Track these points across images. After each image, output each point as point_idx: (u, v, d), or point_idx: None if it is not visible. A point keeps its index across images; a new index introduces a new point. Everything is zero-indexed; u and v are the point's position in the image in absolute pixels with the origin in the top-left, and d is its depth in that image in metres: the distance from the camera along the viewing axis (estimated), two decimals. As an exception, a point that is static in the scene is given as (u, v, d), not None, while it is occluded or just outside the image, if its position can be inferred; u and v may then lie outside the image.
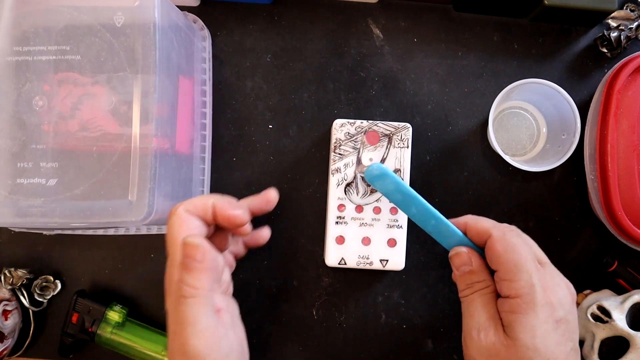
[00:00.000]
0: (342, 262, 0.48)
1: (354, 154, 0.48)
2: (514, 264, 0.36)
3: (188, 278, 0.35)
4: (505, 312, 0.36)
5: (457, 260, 0.40)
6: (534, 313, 0.35)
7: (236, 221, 0.39)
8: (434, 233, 0.41)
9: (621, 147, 0.47)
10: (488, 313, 0.37)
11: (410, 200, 0.39)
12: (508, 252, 0.37)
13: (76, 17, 0.40)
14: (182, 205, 0.38)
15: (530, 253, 0.37)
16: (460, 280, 0.40)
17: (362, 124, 0.48)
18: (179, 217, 0.38)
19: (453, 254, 0.40)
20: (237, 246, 0.45)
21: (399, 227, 0.48)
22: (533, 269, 0.36)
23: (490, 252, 0.38)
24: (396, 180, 0.39)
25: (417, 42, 0.52)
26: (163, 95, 0.40)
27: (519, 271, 0.36)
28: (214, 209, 0.39)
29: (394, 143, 0.48)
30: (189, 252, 0.35)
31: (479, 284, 0.39)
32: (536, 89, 0.47)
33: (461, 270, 0.40)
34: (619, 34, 0.50)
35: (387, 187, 0.39)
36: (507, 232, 0.38)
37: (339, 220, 0.48)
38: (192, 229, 0.38)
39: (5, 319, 0.47)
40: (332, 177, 0.48)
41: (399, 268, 0.48)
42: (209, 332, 0.35)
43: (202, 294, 0.35)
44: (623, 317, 0.46)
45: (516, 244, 0.37)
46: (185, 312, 0.35)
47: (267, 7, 0.52)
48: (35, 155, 0.39)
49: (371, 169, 0.39)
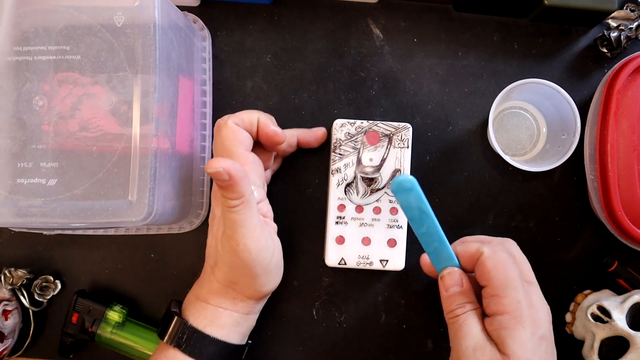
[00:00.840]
0: (342, 262, 0.48)
1: (354, 154, 0.48)
2: (502, 280, 0.38)
3: (227, 194, 0.38)
4: (495, 330, 0.37)
5: (450, 280, 0.40)
6: (522, 328, 0.36)
7: (275, 138, 0.44)
8: (432, 254, 0.41)
9: (621, 147, 0.47)
10: (483, 332, 0.38)
11: (425, 219, 0.39)
12: (497, 269, 0.38)
13: (76, 17, 0.40)
14: (231, 118, 0.43)
15: (517, 271, 0.39)
16: (449, 300, 0.40)
17: (362, 124, 0.48)
18: (230, 129, 0.42)
19: (446, 274, 0.40)
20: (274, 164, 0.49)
21: (399, 227, 0.48)
22: (519, 286, 0.38)
23: (481, 269, 0.39)
24: (421, 197, 0.38)
25: (417, 42, 0.52)
26: (163, 95, 0.40)
27: (506, 287, 0.37)
28: (258, 123, 0.43)
29: (394, 143, 0.48)
30: (219, 178, 0.37)
31: (471, 304, 0.39)
32: (536, 89, 0.47)
33: (452, 290, 0.40)
34: (619, 34, 0.50)
35: (410, 201, 0.38)
36: (497, 250, 0.39)
37: (339, 220, 0.48)
38: (243, 139, 0.43)
39: (5, 319, 0.47)
40: (332, 177, 0.48)
41: (399, 268, 0.48)
42: (257, 232, 0.40)
43: (244, 200, 0.39)
44: (623, 317, 0.46)
45: (505, 262, 0.39)
46: (234, 218, 0.39)
47: (267, 7, 0.52)
48: (35, 155, 0.39)
49: (402, 181, 0.38)
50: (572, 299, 0.50)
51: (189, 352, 0.41)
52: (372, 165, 0.48)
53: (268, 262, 0.42)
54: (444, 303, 0.40)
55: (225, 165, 0.37)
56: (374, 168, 0.48)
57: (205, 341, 0.41)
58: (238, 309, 0.43)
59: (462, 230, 0.51)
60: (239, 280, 0.42)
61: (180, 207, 0.45)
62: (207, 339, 0.42)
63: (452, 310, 0.40)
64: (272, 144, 0.45)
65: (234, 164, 0.38)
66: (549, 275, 0.51)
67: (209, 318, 0.42)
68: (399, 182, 0.38)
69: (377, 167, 0.48)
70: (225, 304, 0.43)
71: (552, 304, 0.51)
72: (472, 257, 0.40)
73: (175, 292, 0.51)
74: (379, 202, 0.48)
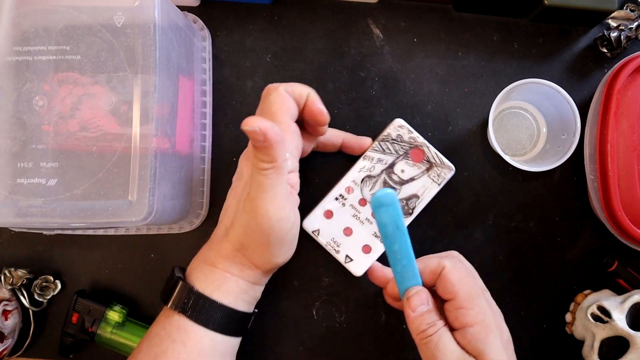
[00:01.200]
0: (316, 232, 0.48)
1: (392, 157, 0.48)
2: (468, 292, 0.38)
3: (261, 155, 0.37)
4: (469, 343, 0.37)
5: (417, 300, 0.39)
6: (493, 336, 0.37)
7: (320, 117, 0.43)
8: (398, 272, 0.39)
9: (621, 147, 0.47)
10: (457, 346, 0.37)
11: (399, 237, 0.37)
12: (461, 281, 0.38)
13: (76, 17, 0.40)
14: (282, 86, 0.41)
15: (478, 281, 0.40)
16: (418, 321, 0.38)
17: (417, 138, 0.48)
18: (279, 95, 0.41)
19: (413, 294, 0.39)
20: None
21: (382, 242, 0.48)
22: (482, 296, 0.38)
23: (445, 282, 0.38)
24: (399, 213, 0.37)
25: (417, 42, 0.52)
26: (163, 95, 0.40)
27: (473, 298, 0.38)
28: (307, 98, 0.42)
29: (431, 173, 0.48)
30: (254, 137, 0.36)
31: (440, 322, 0.38)
32: (536, 89, 0.47)
33: (419, 310, 0.39)
34: (619, 34, 0.50)
35: (387, 217, 0.37)
36: (456, 262, 0.40)
37: (339, 198, 0.48)
38: (290, 108, 0.41)
39: (5, 319, 0.47)
40: (361, 161, 0.48)
41: (357, 274, 0.48)
42: (282, 201, 0.39)
43: (277, 165, 0.38)
44: (623, 317, 0.46)
45: (467, 273, 0.39)
46: (262, 181, 0.38)
47: (267, 7, 0.52)
48: (35, 155, 0.39)
49: (382, 196, 0.36)
50: (572, 299, 0.50)
51: (195, 318, 0.40)
52: (399, 177, 0.48)
53: (285, 234, 0.40)
54: (412, 324, 0.39)
55: (263, 125, 0.36)
56: (399, 180, 0.48)
57: (212, 307, 0.40)
58: (245, 276, 0.42)
59: (462, 230, 0.51)
60: (251, 245, 0.40)
61: (180, 207, 0.45)
62: (214, 305, 0.40)
63: (423, 331, 0.38)
64: (316, 123, 0.43)
65: (273, 126, 0.36)
66: (549, 275, 0.51)
67: (216, 283, 0.41)
68: (379, 197, 0.36)
69: (403, 181, 0.48)
70: (233, 270, 0.41)
71: (552, 304, 0.51)
72: (434, 272, 0.39)
73: (175, 292, 0.51)
74: None
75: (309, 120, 0.44)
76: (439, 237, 0.51)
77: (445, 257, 0.40)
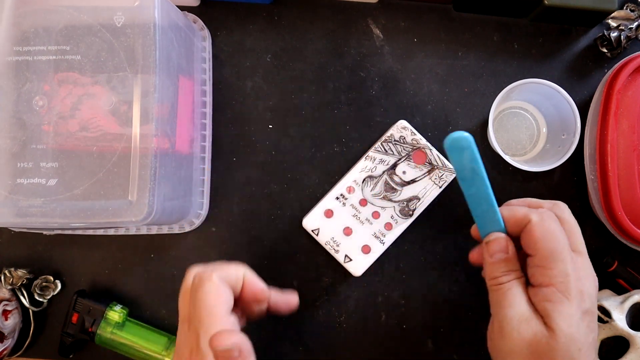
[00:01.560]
0: (316, 231, 0.48)
1: (394, 158, 0.48)
2: (550, 251, 0.36)
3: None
4: (540, 302, 0.35)
5: (496, 246, 0.38)
6: (568, 302, 0.35)
7: (262, 295, 0.39)
8: (478, 216, 0.38)
9: (621, 147, 0.47)
10: (527, 302, 0.36)
11: (477, 181, 0.36)
12: (545, 239, 0.36)
13: (76, 17, 0.40)
14: (215, 272, 0.37)
15: (566, 241, 0.37)
16: (494, 267, 0.38)
17: (419, 140, 0.48)
18: (214, 285, 0.37)
19: (492, 239, 0.38)
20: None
21: (382, 243, 0.48)
22: (568, 258, 0.36)
23: (528, 237, 0.37)
24: (476, 157, 0.35)
25: (417, 42, 0.52)
26: (163, 95, 0.40)
27: (554, 259, 0.36)
28: (245, 279, 0.39)
29: (432, 176, 0.48)
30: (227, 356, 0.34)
31: (515, 273, 0.37)
32: (536, 89, 0.47)
33: (496, 257, 0.38)
34: (619, 34, 0.50)
35: (463, 160, 0.35)
36: (545, 218, 0.37)
37: (339, 198, 0.48)
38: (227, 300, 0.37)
39: (5, 319, 0.47)
40: (363, 161, 0.48)
41: (356, 274, 0.48)
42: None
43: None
44: (623, 317, 0.46)
45: (554, 231, 0.37)
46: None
47: (267, 7, 0.52)
48: (35, 155, 0.39)
49: (457, 138, 0.34)
50: (572, 299, 0.50)
51: None
52: (401, 178, 0.48)
53: None
54: (487, 269, 0.38)
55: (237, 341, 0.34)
56: (401, 181, 0.48)
57: None
58: None
59: (462, 231, 0.51)
60: None
61: (180, 207, 0.45)
62: None
63: (496, 278, 0.37)
64: (256, 302, 0.40)
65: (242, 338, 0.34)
66: (549, 275, 0.51)
67: None
68: (454, 139, 0.34)
69: (404, 182, 0.48)
70: None
71: (552, 304, 0.51)
72: (519, 223, 0.38)
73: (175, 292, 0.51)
74: (382, 209, 0.48)
75: (248, 299, 0.40)
76: (439, 237, 0.51)
77: (535, 211, 0.38)
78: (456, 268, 0.51)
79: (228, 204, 0.51)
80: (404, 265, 0.51)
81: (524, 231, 0.38)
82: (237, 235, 0.51)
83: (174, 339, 0.49)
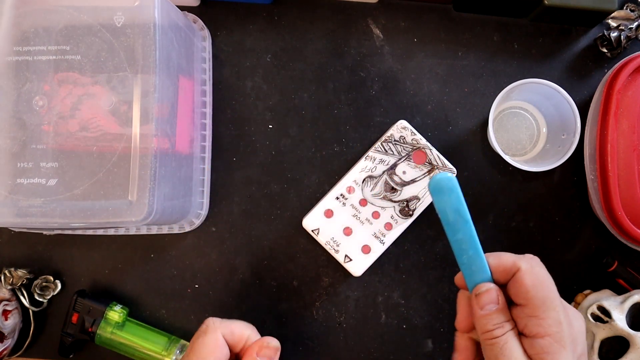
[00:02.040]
0: (316, 231, 0.48)
1: (394, 158, 0.48)
2: (542, 300, 0.35)
3: None
4: (537, 354, 0.34)
5: (487, 298, 0.36)
6: (564, 351, 0.34)
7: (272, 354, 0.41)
8: (464, 264, 0.37)
9: (621, 147, 0.47)
10: (524, 355, 0.35)
11: (462, 225, 0.35)
12: (536, 287, 0.35)
13: (76, 17, 0.40)
14: (221, 328, 0.39)
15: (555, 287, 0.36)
16: (486, 320, 0.36)
17: (419, 140, 0.48)
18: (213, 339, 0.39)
19: (483, 291, 0.36)
20: None
21: (382, 243, 0.48)
22: (559, 305, 0.35)
23: (518, 286, 0.35)
24: (461, 200, 0.35)
25: (417, 42, 0.52)
26: (163, 95, 0.40)
27: (547, 308, 0.34)
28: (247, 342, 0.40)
29: (432, 175, 0.48)
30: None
31: (509, 323, 0.36)
32: (536, 89, 0.47)
33: (487, 309, 0.36)
34: (619, 34, 0.50)
35: (447, 203, 0.35)
36: (534, 265, 0.36)
37: (339, 198, 0.48)
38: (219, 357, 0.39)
39: (5, 319, 0.47)
40: (363, 161, 0.48)
41: (356, 274, 0.48)
42: None
43: None
44: (623, 317, 0.46)
45: (544, 279, 0.35)
46: None
47: (267, 7, 0.52)
48: (35, 155, 0.39)
49: (441, 180, 0.34)
50: (572, 299, 0.50)
51: None
52: (401, 178, 0.48)
53: None
54: (478, 322, 0.37)
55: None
56: (400, 181, 0.48)
57: None
58: None
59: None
60: None
61: (180, 207, 0.45)
62: None
63: (490, 331, 0.36)
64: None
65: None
66: (549, 275, 0.51)
67: None
68: (438, 181, 0.34)
69: (404, 182, 0.48)
70: None
71: (552, 304, 0.51)
72: (508, 271, 0.36)
73: (175, 292, 0.51)
74: (382, 210, 0.48)
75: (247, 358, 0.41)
76: (439, 237, 0.51)
77: (522, 258, 0.36)
78: (456, 268, 0.51)
79: (228, 204, 0.51)
80: (404, 265, 0.51)
81: (513, 280, 0.36)
82: (237, 235, 0.51)
83: (174, 339, 0.49)
